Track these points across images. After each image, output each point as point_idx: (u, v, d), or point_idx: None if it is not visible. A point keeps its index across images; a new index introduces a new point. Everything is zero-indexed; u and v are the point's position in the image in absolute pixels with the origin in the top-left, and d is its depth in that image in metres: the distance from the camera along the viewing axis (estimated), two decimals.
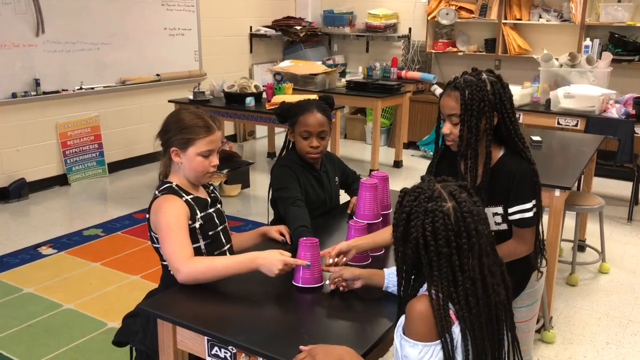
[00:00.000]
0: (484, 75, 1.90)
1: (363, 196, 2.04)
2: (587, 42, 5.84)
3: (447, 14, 6.63)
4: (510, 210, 1.94)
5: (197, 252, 1.95)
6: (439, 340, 1.33)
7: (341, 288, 1.77)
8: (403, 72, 6.77)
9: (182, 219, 1.90)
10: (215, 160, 1.98)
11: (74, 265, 3.76)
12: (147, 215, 1.97)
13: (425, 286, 1.41)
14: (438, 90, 6.71)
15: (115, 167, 5.86)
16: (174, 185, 1.98)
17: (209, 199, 2.07)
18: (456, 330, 1.34)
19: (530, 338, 2.18)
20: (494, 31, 6.57)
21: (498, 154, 1.97)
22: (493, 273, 1.37)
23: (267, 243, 2.18)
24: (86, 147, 5.59)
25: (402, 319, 1.41)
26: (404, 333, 1.37)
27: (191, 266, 1.78)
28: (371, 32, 7.23)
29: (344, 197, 2.63)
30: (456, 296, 1.33)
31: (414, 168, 6.10)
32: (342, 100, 5.68)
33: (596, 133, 4.35)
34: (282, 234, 2.17)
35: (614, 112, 4.72)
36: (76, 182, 5.49)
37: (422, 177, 1.48)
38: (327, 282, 1.78)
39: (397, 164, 6.10)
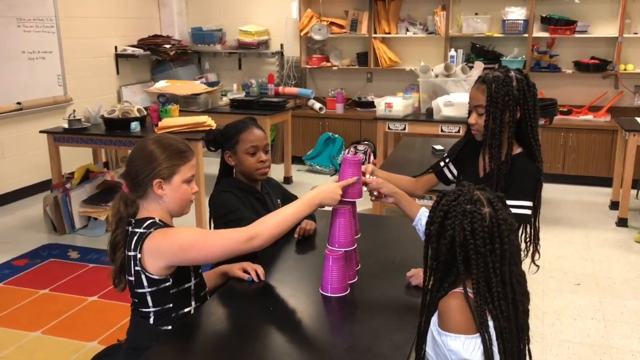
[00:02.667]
0: (512, 73, 2.03)
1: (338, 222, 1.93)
2: (452, 52, 6.23)
3: (319, 29, 6.72)
4: (509, 203, 1.96)
5: (187, 292, 1.81)
6: (478, 334, 1.36)
7: (373, 198, 2.03)
8: (280, 88, 6.74)
9: None
10: (195, 186, 1.86)
11: None
12: (136, 254, 1.72)
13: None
14: (316, 105, 6.78)
15: None
16: (157, 220, 1.78)
17: None
18: (491, 324, 1.38)
19: None
20: (365, 45, 6.77)
21: (515, 151, 2.09)
22: (519, 283, 1.43)
23: (230, 283, 2.01)
24: None
25: (435, 318, 1.43)
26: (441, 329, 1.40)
27: (262, 227, 1.72)
28: (243, 49, 7.12)
29: None
30: (489, 296, 1.38)
31: (304, 183, 6.08)
32: (227, 120, 5.47)
33: None
34: (246, 271, 2.01)
35: None
36: None
37: (462, 183, 1.51)
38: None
39: (288, 180, 6.05)
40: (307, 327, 1.73)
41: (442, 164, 2.37)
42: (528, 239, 2.15)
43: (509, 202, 1.92)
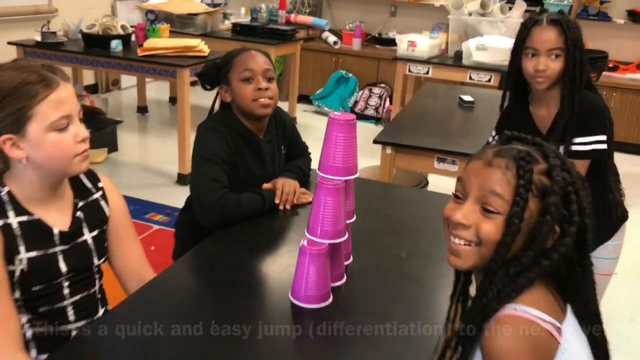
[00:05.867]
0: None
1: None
2: None
3: None
4: (585, 140, 1.86)
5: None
6: None
7: None
8: (292, 16, 6.03)
9: None
10: (81, 130, 1.25)
11: None
12: None
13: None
14: (331, 38, 6.09)
15: None
16: (3, 194, 1.22)
17: (65, 227, 1.31)
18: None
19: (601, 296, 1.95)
20: None
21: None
22: None
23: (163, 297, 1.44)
24: None
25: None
26: None
27: None
28: None
29: None
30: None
31: (310, 125, 5.47)
32: (228, 47, 4.83)
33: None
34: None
35: None
36: None
37: (545, 145, 1.02)
38: None
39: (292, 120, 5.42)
40: (263, 356, 1.17)
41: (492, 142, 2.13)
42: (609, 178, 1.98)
43: (585, 139, 1.86)
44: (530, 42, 1.84)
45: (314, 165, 2.03)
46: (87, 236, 1.35)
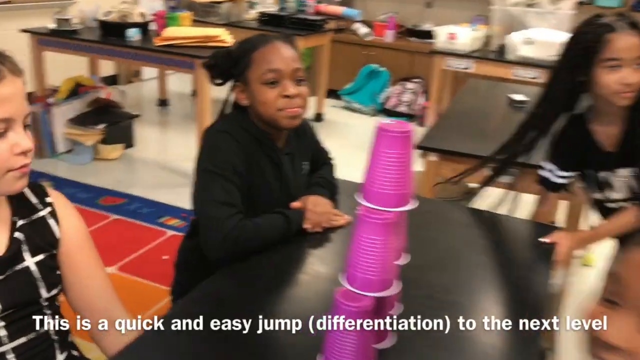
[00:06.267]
0: None
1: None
2: None
3: None
4: None
5: None
6: None
7: None
8: (322, 6, 5.70)
9: None
10: (24, 140, 0.98)
11: None
12: None
13: None
14: (362, 30, 5.75)
15: None
16: None
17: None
18: None
19: None
20: None
21: None
22: None
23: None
24: None
25: None
26: None
27: None
28: None
29: None
30: None
31: (337, 122, 5.14)
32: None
33: None
34: None
35: None
36: None
37: None
38: None
39: (319, 117, 5.11)
40: None
41: (546, 173, 1.83)
42: None
43: None
44: (610, 52, 1.57)
45: (340, 173, 1.73)
46: (30, 262, 1.06)
